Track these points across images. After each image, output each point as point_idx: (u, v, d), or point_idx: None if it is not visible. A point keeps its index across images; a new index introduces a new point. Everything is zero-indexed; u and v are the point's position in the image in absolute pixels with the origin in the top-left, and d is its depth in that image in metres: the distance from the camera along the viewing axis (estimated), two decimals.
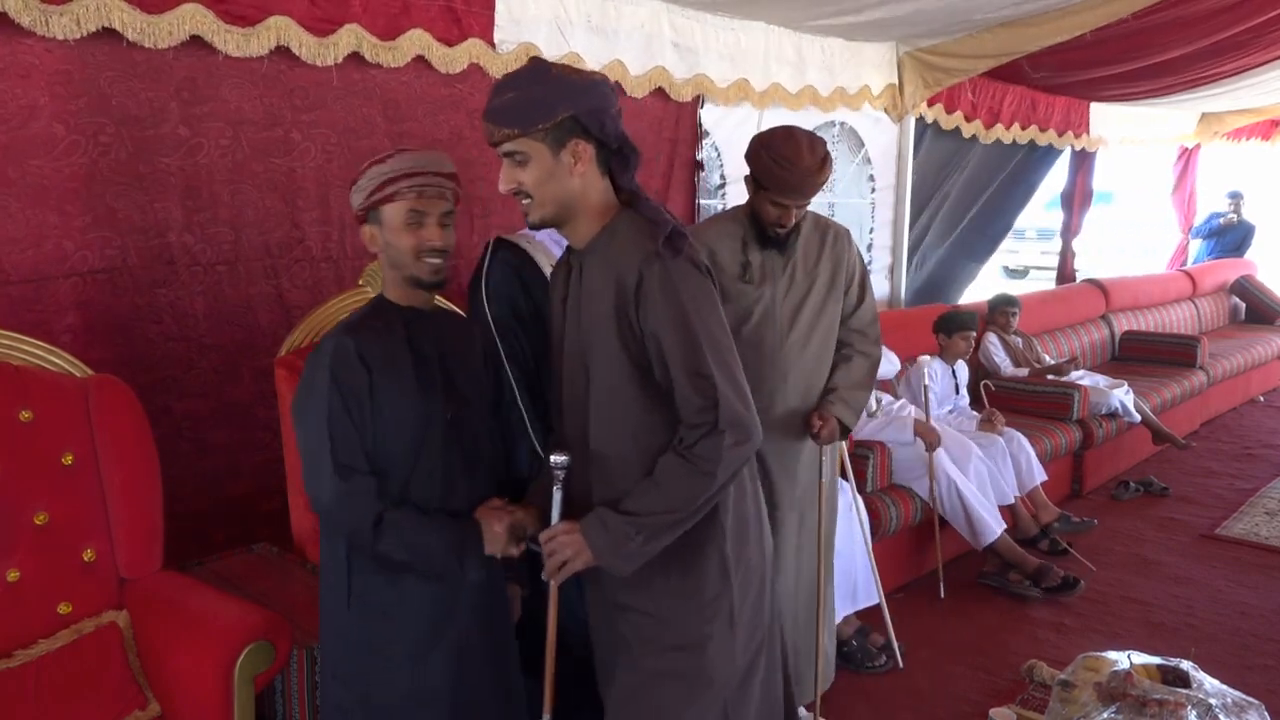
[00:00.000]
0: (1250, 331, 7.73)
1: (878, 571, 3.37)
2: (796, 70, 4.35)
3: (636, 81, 3.67)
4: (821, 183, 2.57)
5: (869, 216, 5.21)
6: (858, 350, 2.78)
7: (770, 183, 2.54)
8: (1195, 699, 2.13)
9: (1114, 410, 5.14)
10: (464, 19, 3.09)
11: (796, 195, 2.55)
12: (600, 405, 1.79)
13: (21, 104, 2.33)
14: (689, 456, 1.72)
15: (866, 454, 3.66)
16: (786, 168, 2.51)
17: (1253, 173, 9.13)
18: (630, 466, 1.78)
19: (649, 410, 1.77)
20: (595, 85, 1.73)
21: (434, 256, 1.83)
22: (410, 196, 1.81)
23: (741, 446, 1.75)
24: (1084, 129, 6.59)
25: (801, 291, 2.69)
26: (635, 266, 1.70)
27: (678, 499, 1.74)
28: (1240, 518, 4.79)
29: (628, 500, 1.75)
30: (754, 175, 2.58)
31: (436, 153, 1.88)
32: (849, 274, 2.78)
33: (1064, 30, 4.27)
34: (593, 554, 1.75)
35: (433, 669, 1.87)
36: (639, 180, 1.83)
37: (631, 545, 1.72)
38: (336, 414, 1.75)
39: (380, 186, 1.82)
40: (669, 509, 1.74)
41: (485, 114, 1.71)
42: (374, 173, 1.84)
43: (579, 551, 1.76)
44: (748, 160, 2.61)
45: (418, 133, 3.08)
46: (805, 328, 2.69)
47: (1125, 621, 3.65)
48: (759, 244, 2.65)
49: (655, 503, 1.73)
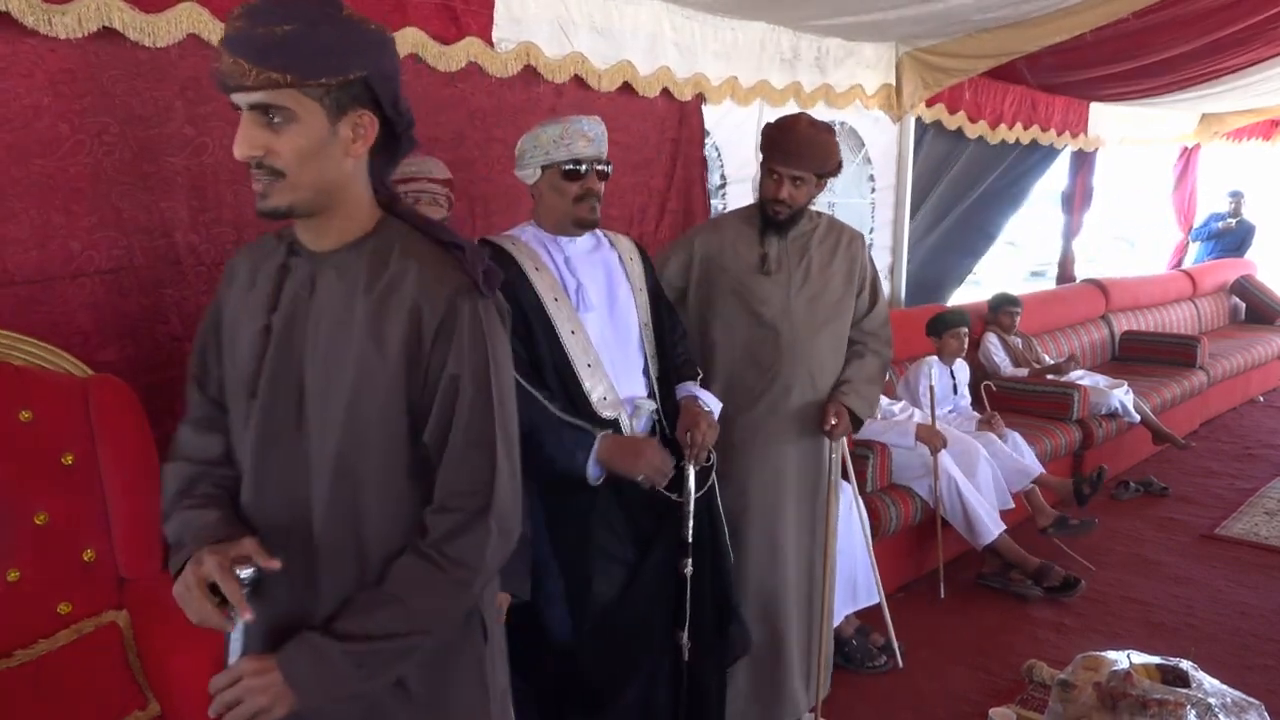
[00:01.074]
0: (1250, 331, 7.73)
1: (878, 571, 3.37)
2: (796, 70, 4.35)
3: (646, 81, 3.67)
4: (818, 156, 2.61)
5: (869, 216, 5.21)
6: (870, 349, 2.84)
7: (766, 149, 2.63)
8: (1195, 699, 2.13)
9: (1114, 410, 5.14)
10: (462, 17, 3.08)
11: (786, 159, 2.60)
12: (347, 468, 1.34)
13: (25, 104, 2.32)
14: (439, 559, 1.31)
15: (866, 454, 3.67)
16: (779, 132, 2.61)
17: (1253, 173, 9.12)
18: (388, 549, 1.35)
19: (416, 479, 1.36)
20: (390, 42, 1.35)
21: None
22: (405, 202, 1.80)
23: (506, 548, 1.38)
24: (1082, 129, 6.59)
25: (817, 287, 2.74)
26: (444, 297, 1.32)
27: (422, 617, 1.33)
28: (1240, 518, 4.79)
29: (349, 617, 1.31)
30: (763, 155, 2.67)
31: (430, 159, 1.87)
32: (862, 277, 2.83)
33: (1064, 30, 4.26)
34: (297, 696, 1.29)
35: None
36: (639, 179, 1.80)
37: (352, 684, 1.31)
38: None
39: None
40: (410, 630, 1.32)
41: (236, 43, 1.23)
42: None
43: (278, 696, 1.28)
44: (760, 147, 2.72)
45: (419, 133, 3.04)
46: (819, 323, 2.75)
47: (1125, 621, 3.65)
48: (774, 234, 2.69)
49: (390, 622, 1.31)
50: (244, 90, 1.25)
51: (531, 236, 2.29)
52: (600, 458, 2.13)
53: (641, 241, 2.84)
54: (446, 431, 1.33)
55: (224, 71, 1.24)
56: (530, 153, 2.24)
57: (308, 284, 1.37)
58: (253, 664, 1.30)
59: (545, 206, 2.28)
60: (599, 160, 2.24)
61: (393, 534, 1.35)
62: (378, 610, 1.32)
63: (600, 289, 2.30)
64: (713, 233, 2.77)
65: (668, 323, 2.43)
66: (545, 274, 2.22)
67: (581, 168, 2.20)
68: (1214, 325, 7.86)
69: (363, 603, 1.32)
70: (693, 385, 2.41)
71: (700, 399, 2.36)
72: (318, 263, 1.37)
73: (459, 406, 1.33)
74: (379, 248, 1.36)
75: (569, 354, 2.19)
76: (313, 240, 1.38)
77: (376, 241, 1.37)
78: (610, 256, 2.38)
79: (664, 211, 3.90)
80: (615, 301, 2.32)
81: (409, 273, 1.33)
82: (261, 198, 1.30)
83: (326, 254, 1.37)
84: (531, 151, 2.23)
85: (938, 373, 4.42)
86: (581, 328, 2.22)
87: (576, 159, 2.19)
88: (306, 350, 1.35)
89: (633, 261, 2.41)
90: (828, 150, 2.61)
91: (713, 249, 2.71)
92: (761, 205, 2.69)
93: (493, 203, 3.33)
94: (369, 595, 1.33)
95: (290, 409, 1.35)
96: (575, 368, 2.19)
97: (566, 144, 2.19)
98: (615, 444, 2.16)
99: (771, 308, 2.69)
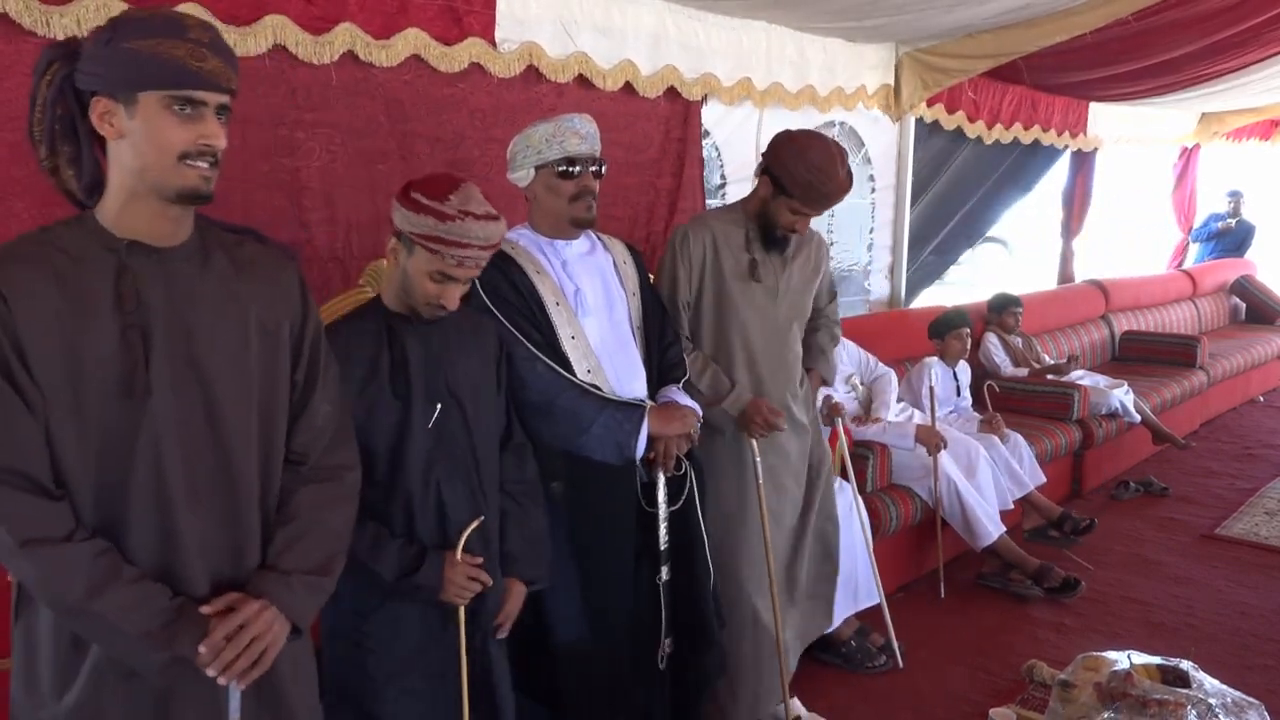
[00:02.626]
0: (1250, 331, 7.73)
1: (878, 571, 3.38)
2: (797, 70, 4.35)
3: (648, 81, 3.67)
4: (843, 197, 2.62)
5: (869, 216, 5.21)
6: (823, 327, 3.00)
7: (799, 191, 2.53)
8: (1195, 699, 2.13)
9: (1114, 410, 5.14)
10: (464, 18, 3.09)
11: (822, 206, 2.60)
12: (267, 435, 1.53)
13: (26, 104, 2.33)
14: (330, 474, 1.58)
15: (866, 454, 3.67)
16: (821, 180, 2.50)
17: (1253, 173, 9.12)
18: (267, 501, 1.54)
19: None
20: None
21: (441, 310, 1.86)
22: (450, 264, 1.80)
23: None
24: (1081, 129, 6.59)
25: (793, 294, 2.78)
26: (286, 266, 1.58)
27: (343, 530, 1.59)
28: (1240, 518, 4.80)
29: (287, 555, 1.50)
30: (777, 178, 2.56)
31: (499, 224, 1.83)
32: (823, 279, 2.92)
33: (1064, 30, 4.27)
34: (297, 622, 1.49)
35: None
36: (644, 179, 1.80)
37: (318, 604, 1.55)
38: None
39: (428, 237, 1.78)
40: (339, 546, 1.58)
41: (217, 48, 1.40)
42: (430, 223, 1.78)
43: (281, 628, 1.47)
44: (771, 162, 2.58)
45: (422, 133, 3.08)
46: (795, 328, 2.82)
47: (1125, 621, 3.65)
48: (762, 244, 2.66)
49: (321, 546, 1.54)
50: (220, 91, 1.40)
51: (529, 241, 2.27)
52: (652, 430, 2.19)
53: (648, 241, 2.85)
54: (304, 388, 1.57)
55: (209, 70, 1.37)
56: (523, 154, 2.21)
57: (172, 279, 1.44)
58: (247, 610, 1.42)
59: (541, 208, 2.27)
60: (593, 158, 2.21)
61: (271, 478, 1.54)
62: (308, 540, 1.51)
63: (598, 293, 2.30)
64: (703, 232, 2.67)
65: (658, 327, 2.42)
66: (546, 278, 2.22)
67: (575, 167, 2.18)
68: (1214, 325, 7.86)
69: (290, 538, 1.51)
70: (673, 389, 2.38)
71: (678, 403, 2.32)
72: (168, 258, 1.44)
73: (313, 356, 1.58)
74: (206, 240, 1.51)
75: (568, 359, 2.19)
76: (169, 235, 1.45)
77: (201, 234, 1.50)
78: (605, 260, 2.37)
79: (673, 211, 3.88)
80: (612, 306, 2.32)
81: (244, 252, 1.53)
82: (205, 181, 1.42)
83: (175, 249, 1.46)
84: (524, 152, 2.21)
85: (940, 374, 4.43)
86: (581, 332, 2.22)
87: (570, 157, 2.17)
88: (198, 337, 1.44)
89: (626, 265, 2.40)
90: (847, 192, 2.62)
91: (707, 252, 2.66)
92: (766, 223, 2.64)
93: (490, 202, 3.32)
94: (292, 530, 1.51)
95: (195, 395, 1.44)
96: (575, 372, 2.19)
97: (559, 142, 2.16)
98: (656, 412, 2.23)
99: (763, 314, 2.70)
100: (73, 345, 1.36)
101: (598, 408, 2.15)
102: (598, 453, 2.17)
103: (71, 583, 1.34)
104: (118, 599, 1.35)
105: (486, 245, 1.82)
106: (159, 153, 1.37)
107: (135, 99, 1.36)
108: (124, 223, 1.42)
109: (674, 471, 2.29)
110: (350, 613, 1.86)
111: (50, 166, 1.45)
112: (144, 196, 1.40)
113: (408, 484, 1.86)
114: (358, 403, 1.79)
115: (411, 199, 1.80)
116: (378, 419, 1.83)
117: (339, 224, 2.97)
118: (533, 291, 2.18)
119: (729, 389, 2.63)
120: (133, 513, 1.40)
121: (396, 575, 1.81)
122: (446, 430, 1.89)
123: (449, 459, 1.89)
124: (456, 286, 1.84)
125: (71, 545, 1.34)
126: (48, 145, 1.44)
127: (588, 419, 2.14)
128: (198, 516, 1.44)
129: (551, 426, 2.15)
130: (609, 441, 2.15)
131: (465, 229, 1.77)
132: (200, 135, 1.38)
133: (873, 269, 5.31)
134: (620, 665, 2.28)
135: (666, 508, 2.31)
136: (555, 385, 2.14)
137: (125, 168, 1.40)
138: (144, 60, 1.34)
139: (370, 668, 1.86)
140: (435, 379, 1.89)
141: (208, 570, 1.45)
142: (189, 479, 1.43)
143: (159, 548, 1.42)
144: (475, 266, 1.84)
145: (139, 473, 1.40)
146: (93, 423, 1.38)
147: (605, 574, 2.24)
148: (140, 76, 1.35)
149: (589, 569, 2.22)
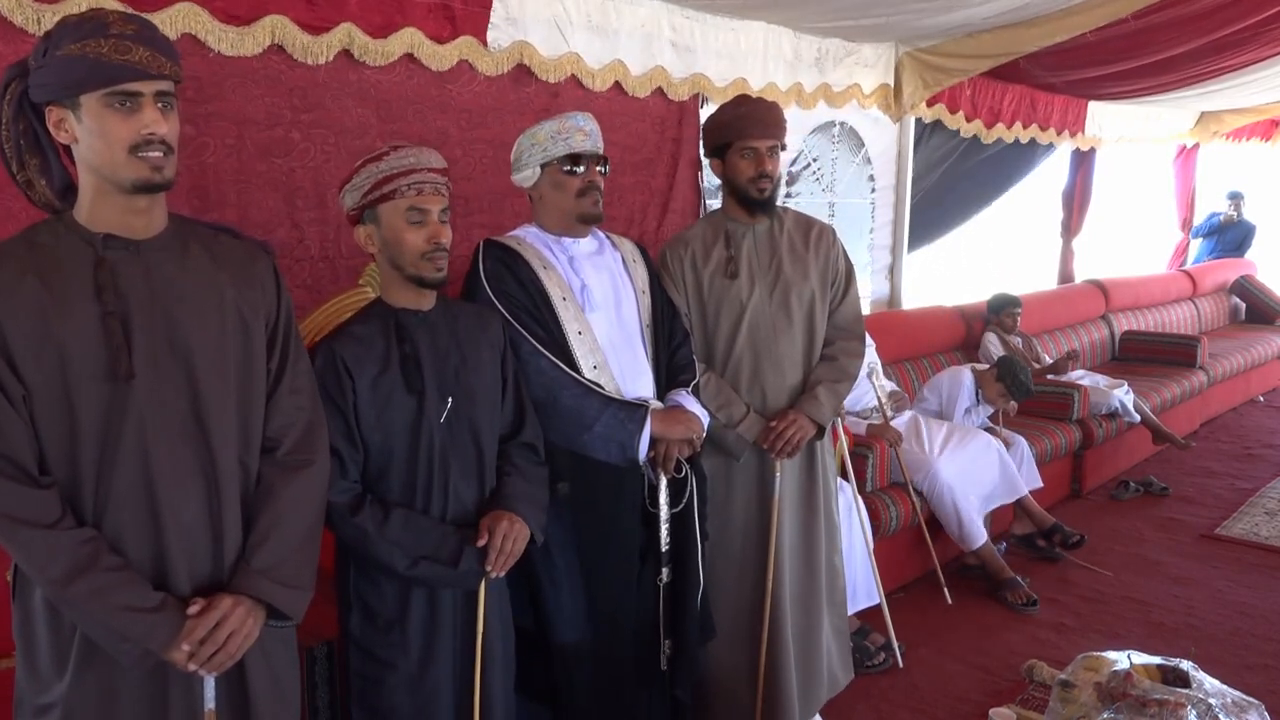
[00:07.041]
0: (1250, 331, 7.73)
1: (878, 571, 3.37)
2: (795, 70, 4.35)
3: (637, 81, 3.66)
4: (780, 120, 2.60)
5: (869, 216, 5.20)
6: (839, 349, 2.71)
7: (732, 131, 2.56)
8: (1195, 699, 2.12)
9: (1114, 410, 5.14)
10: (458, 17, 3.09)
11: (761, 129, 2.54)
12: (246, 425, 1.58)
13: None
14: (301, 462, 1.62)
15: (866, 454, 3.66)
16: (736, 109, 2.59)
17: (1253, 173, 9.11)
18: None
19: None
20: None
21: (439, 254, 1.84)
22: (410, 194, 1.81)
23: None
24: (1080, 128, 6.58)
25: (788, 288, 2.64)
26: (261, 258, 1.64)
27: (318, 516, 1.67)
28: (1240, 518, 4.79)
29: (266, 550, 1.55)
30: (715, 146, 2.62)
31: (428, 149, 1.88)
32: (834, 271, 2.73)
33: (1064, 30, 4.26)
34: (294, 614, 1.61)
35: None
36: (639, 179, 1.81)
37: (308, 590, 1.64)
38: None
39: (377, 184, 1.82)
40: (314, 531, 1.66)
41: (143, 39, 1.43)
42: (369, 171, 1.83)
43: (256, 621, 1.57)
44: (705, 142, 2.71)
45: (409, 133, 3.08)
46: (796, 325, 2.65)
47: (1125, 621, 3.65)
48: (748, 212, 2.62)
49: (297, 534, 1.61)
50: (155, 79, 1.42)
51: (535, 238, 2.27)
52: (655, 431, 2.18)
53: (643, 241, 2.83)
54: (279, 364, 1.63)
55: (138, 60, 1.40)
56: (528, 152, 2.22)
57: (150, 270, 1.49)
58: (222, 606, 1.47)
59: (547, 206, 2.26)
60: (597, 155, 2.23)
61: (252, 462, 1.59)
62: (284, 528, 1.56)
63: (605, 289, 2.29)
64: (679, 249, 2.65)
65: (668, 327, 2.41)
66: (552, 273, 2.22)
67: (580, 165, 2.19)
68: (1214, 325, 7.86)
69: (266, 528, 1.56)
70: (681, 393, 2.35)
71: (685, 408, 2.30)
72: (144, 250, 1.50)
73: (285, 345, 1.63)
74: (184, 233, 1.55)
75: (574, 354, 2.18)
76: (143, 228, 1.50)
77: (178, 228, 1.55)
78: (613, 258, 2.37)
79: (666, 211, 3.89)
80: (620, 303, 2.31)
81: (219, 245, 1.58)
82: (158, 170, 1.44)
83: (152, 240, 1.51)
84: (529, 151, 2.22)
85: (969, 386, 4.37)
86: (589, 328, 2.21)
87: (575, 154, 2.18)
88: (178, 323, 1.49)
89: (635, 264, 2.40)
90: (782, 115, 2.62)
91: (686, 268, 2.62)
92: (741, 192, 2.58)
93: (474, 202, 3.31)
94: (268, 519, 1.56)
95: (178, 379, 1.49)
96: (580, 368, 2.18)
97: (564, 139, 2.18)
98: (661, 414, 2.22)
99: (748, 313, 2.60)
100: (56, 336, 1.41)
101: (601, 406, 2.15)
102: (600, 452, 2.16)
103: (53, 567, 1.39)
104: (96, 583, 1.40)
105: (433, 167, 1.85)
106: (109, 149, 1.41)
107: (78, 103, 1.41)
108: (97, 218, 1.47)
109: (674, 474, 2.28)
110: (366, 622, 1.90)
111: (24, 180, 1.49)
112: (109, 192, 1.46)
113: (422, 478, 1.86)
114: (371, 400, 1.81)
115: (347, 177, 1.88)
116: (392, 415, 1.83)
117: (330, 223, 2.98)
118: (538, 287, 2.17)
119: (743, 414, 2.57)
120: (118, 493, 1.45)
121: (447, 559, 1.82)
122: (456, 423, 1.90)
123: (459, 452, 1.90)
124: (434, 219, 1.84)
125: (56, 531, 1.39)
126: (17, 161, 1.48)
127: (591, 417, 2.14)
128: (180, 497, 1.49)
129: (555, 423, 2.15)
130: (612, 440, 2.15)
131: (400, 157, 1.83)
132: (142, 126, 1.41)
133: (873, 269, 5.30)
134: (622, 666, 2.28)
135: (668, 509, 2.30)
136: (558, 382, 2.14)
137: (88, 167, 1.45)
138: (75, 64, 1.39)
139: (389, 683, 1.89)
140: (445, 373, 1.90)
141: (187, 552, 1.50)
142: (172, 461, 1.48)
143: (143, 529, 1.47)
144: (435, 192, 1.84)
145: (125, 455, 1.44)
146: (79, 409, 1.42)
147: (610, 574, 2.24)
148: (76, 80, 1.39)
149: (593, 569, 2.21)
